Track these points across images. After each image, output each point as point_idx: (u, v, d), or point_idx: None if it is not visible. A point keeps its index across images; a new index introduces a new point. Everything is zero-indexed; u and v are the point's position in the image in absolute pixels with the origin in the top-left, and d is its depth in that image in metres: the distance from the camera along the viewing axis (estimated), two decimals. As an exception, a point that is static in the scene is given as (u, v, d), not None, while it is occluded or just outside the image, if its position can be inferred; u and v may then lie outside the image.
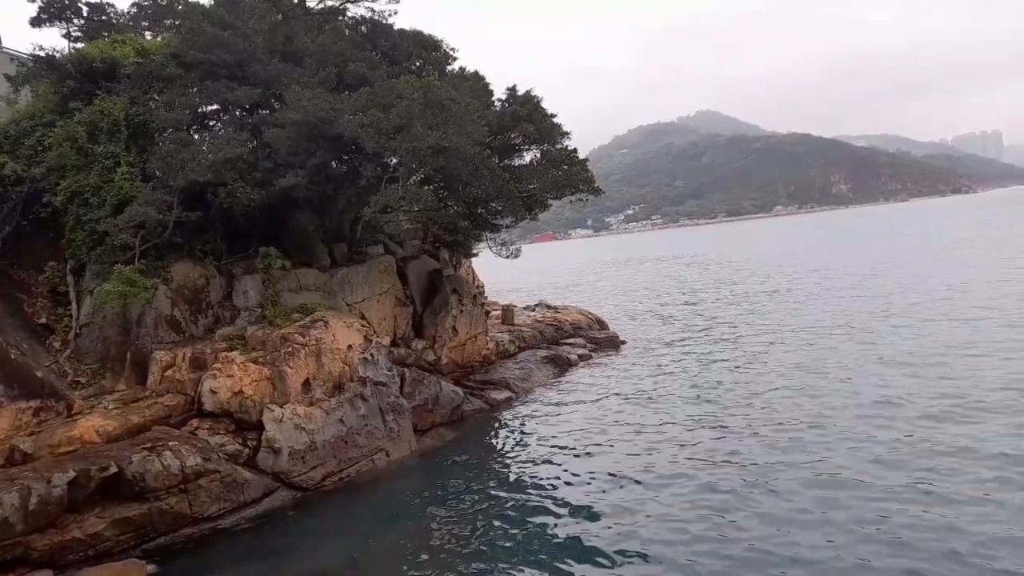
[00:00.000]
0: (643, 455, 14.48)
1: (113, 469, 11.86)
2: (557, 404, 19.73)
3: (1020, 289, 29.35)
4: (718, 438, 14.98)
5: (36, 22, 21.35)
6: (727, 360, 22.81)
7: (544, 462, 14.97)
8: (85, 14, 22.71)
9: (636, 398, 19.23)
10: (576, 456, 15.00)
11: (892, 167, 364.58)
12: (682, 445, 14.83)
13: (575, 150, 21.64)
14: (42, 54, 18.21)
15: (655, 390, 19.87)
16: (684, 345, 26.57)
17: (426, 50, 21.51)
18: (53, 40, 29.89)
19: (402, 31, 21.58)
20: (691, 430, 15.80)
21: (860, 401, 16.35)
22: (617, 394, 19.94)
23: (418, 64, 20.58)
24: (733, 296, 40.90)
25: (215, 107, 18.76)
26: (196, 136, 18.04)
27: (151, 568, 11.26)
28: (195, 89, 17.60)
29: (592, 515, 11.89)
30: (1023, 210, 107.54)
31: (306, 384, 15.15)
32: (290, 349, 15.08)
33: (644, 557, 10.25)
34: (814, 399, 16.98)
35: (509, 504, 12.84)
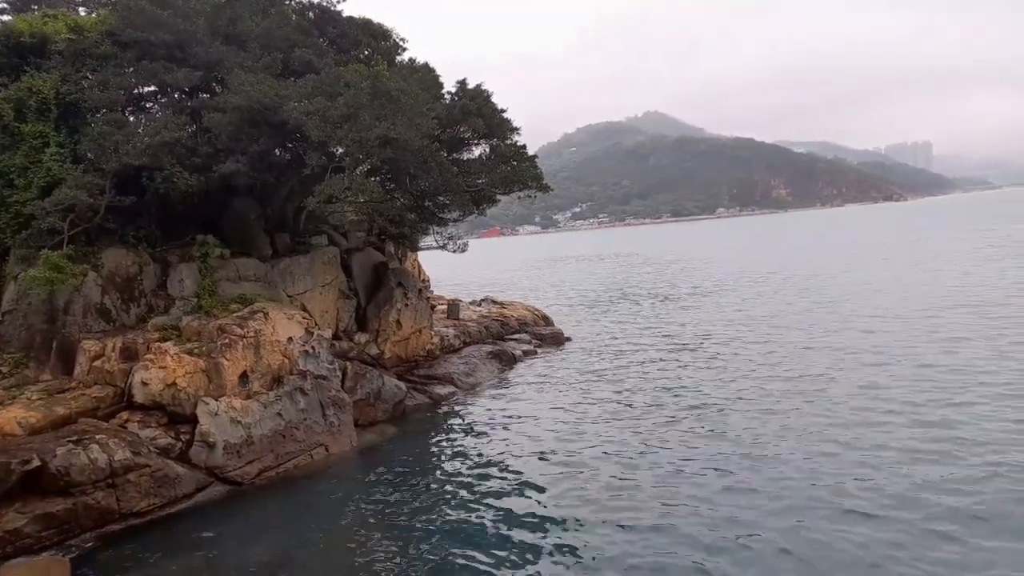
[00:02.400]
0: (584, 450, 14.62)
1: (36, 463, 11.32)
2: (501, 399, 19.75)
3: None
4: (658, 430, 15.26)
5: (-40, -8, 20.21)
6: (668, 356, 23.27)
7: (485, 458, 14.98)
8: (14, -14, 21.62)
9: (579, 394, 19.41)
10: (518, 452, 15.04)
11: (829, 174, 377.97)
12: (623, 440, 15.04)
13: (524, 146, 21.64)
14: (-35, 25, 17.25)
15: (598, 386, 20.10)
16: (627, 341, 26.96)
17: (375, 39, 21.17)
18: (-22, 12, 28.29)
19: (351, 19, 21.17)
20: (632, 425, 16.04)
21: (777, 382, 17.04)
22: (560, 390, 20.09)
23: (367, 53, 20.20)
24: (676, 294, 41.73)
25: (152, 89, 18.07)
26: (131, 118, 17.33)
27: (74, 564, 10.80)
28: (131, 69, 16.93)
29: (529, 510, 11.93)
30: (941, 219, 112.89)
31: (243, 377, 14.77)
32: (227, 340, 14.67)
33: (581, 549, 10.34)
34: (748, 388, 17.54)
35: (448, 500, 12.79)
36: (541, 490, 12.76)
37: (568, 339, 28.55)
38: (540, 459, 14.42)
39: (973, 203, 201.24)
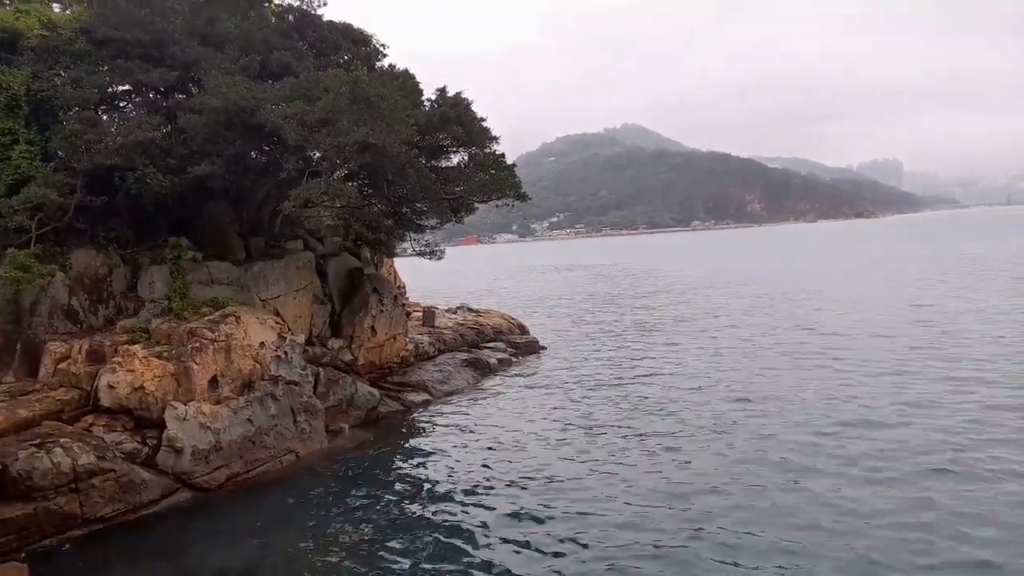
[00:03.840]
0: (556, 461, 14.60)
1: (-5, 467, 11.07)
2: (475, 408, 19.69)
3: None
4: (629, 442, 15.31)
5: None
6: (644, 368, 23.39)
7: (457, 466, 14.90)
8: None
9: (553, 404, 19.40)
10: (491, 461, 14.98)
11: (803, 189, 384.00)
12: (595, 452, 15.05)
13: (503, 155, 21.67)
14: (-67, 19, 16.89)
15: (572, 396, 20.11)
16: (603, 352, 27.05)
17: (355, 44, 21.10)
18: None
19: (331, 23, 21.08)
20: (604, 434, 16.08)
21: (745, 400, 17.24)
22: (535, 399, 20.09)
23: (347, 58, 20.16)
24: (655, 307, 42.05)
25: (127, 88, 17.81)
26: (105, 117, 17.08)
27: (34, 571, 10.52)
28: (106, 67, 16.70)
29: (502, 519, 11.88)
30: (906, 234, 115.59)
31: (213, 381, 14.56)
32: (197, 344, 14.46)
33: (551, 552, 10.34)
34: (723, 402, 17.68)
35: (419, 507, 12.71)
36: (512, 498, 12.72)
37: (543, 348, 28.57)
38: (512, 467, 14.37)
39: (940, 220, 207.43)
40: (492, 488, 13.31)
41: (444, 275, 73.72)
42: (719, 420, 16.64)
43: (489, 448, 15.82)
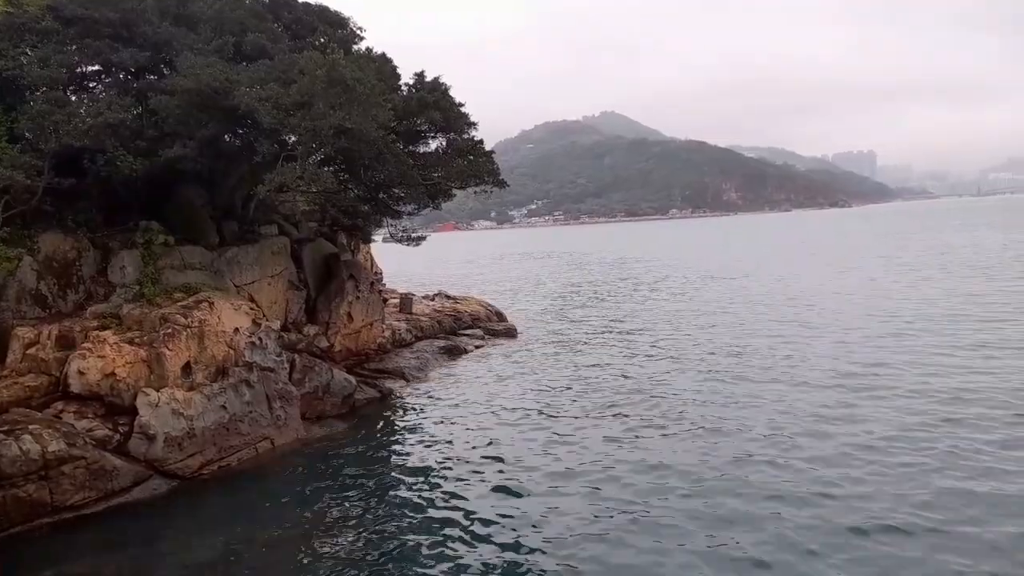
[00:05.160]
0: (534, 447, 14.65)
1: (-39, 454, 10.85)
2: (452, 395, 19.67)
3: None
4: (606, 426, 15.41)
5: None
6: (618, 351, 23.57)
7: (433, 452, 14.91)
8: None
9: (529, 389, 19.46)
10: (466, 446, 15.00)
11: (779, 179, 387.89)
12: (570, 432, 15.17)
13: (482, 141, 21.54)
14: None
15: (550, 383, 20.17)
16: (582, 338, 27.14)
17: (332, 27, 20.80)
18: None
19: (307, 5, 20.78)
20: (581, 417, 16.19)
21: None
22: (512, 386, 20.11)
23: (323, 40, 19.84)
24: (632, 294, 42.26)
25: (96, 68, 17.41)
26: (73, 97, 16.66)
27: (1, 560, 10.37)
28: (74, 47, 16.27)
29: (477, 503, 11.92)
30: (876, 223, 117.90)
31: (186, 368, 14.37)
32: (170, 330, 14.25)
33: (528, 545, 10.38)
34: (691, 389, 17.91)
35: (395, 494, 12.70)
36: (489, 483, 12.76)
37: (521, 334, 28.62)
38: (488, 453, 14.40)
39: (911, 210, 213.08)
40: (469, 476, 13.32)
41: (422, 261, 73.49)
42: (693, 403, 16.84)
43: (464, 435, 15.82)
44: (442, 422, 17.05)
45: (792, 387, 17.88)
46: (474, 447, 14.93)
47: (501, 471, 13.36)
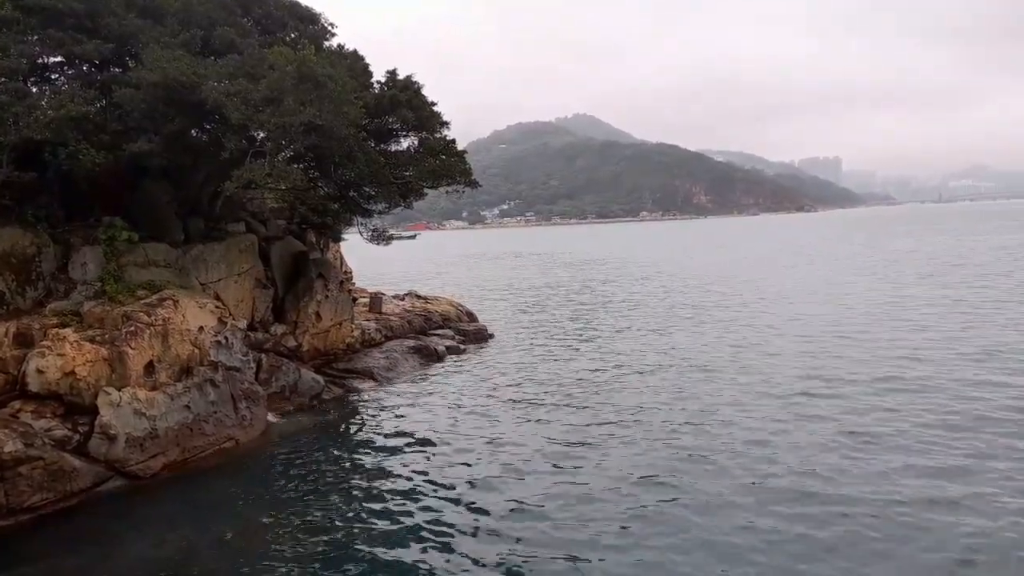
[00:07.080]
0: (502, 448, 14.63)
1: (-89, 455, 10.51)
2: (421, 395, 19.57)
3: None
4: (574, 431, 15.46)
5: None
6: (590, 357, 23.62)
7: (401, 453, 14.82)
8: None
9: (498, 390, 19.45)
10: (435, 447, 14.95)
11: (747, 183, 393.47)
12: (542, 437, 15.15)
13: (454, 140, 21.49)
14: None
15: (519, 384, 20.17)
16: (548, 338, 27.25)
17: (303, 22, 20.57)
18: None
19: (277, 0, 20.51)
20: (551, 420, 16.21)
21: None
22: (481, 386, 20.09)
23: (293, 36, 19.62)
24: (603, 297, 42.51)
25: (59, 59, 16.96)
26: (35, 89, 16.23)
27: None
28: (35, 37, 15.83)
29: (443, 503, 11.88)
30: (839, 229, 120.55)
31: (149, 367, 14.10)
32: (133, 328, 13.97)
33: (489, 539, 10.37)
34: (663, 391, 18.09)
35: (361, 495, 12.59)
36: (454, 484, 12.72)
37: (492, 335, 28.58)
38: (457, 453, 14.37)
39: (875, 215, 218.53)
40: (433, 474, 13.28)
41: (392, 261, 73.10)
42: (665, 401, 17.00)
43: (432, 436, 15.73)
44: (408, 422, 16.95)
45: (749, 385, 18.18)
46: (441, 447, 14.87)
47: (468, 470, 13.34)
